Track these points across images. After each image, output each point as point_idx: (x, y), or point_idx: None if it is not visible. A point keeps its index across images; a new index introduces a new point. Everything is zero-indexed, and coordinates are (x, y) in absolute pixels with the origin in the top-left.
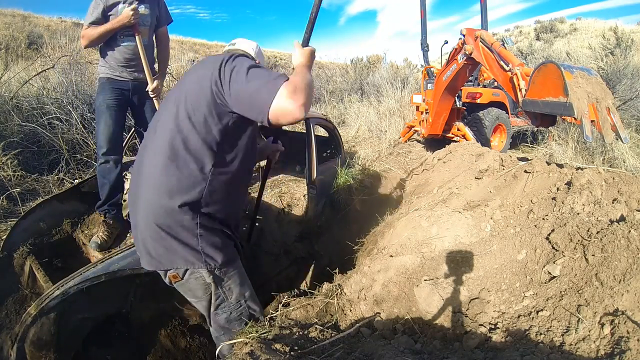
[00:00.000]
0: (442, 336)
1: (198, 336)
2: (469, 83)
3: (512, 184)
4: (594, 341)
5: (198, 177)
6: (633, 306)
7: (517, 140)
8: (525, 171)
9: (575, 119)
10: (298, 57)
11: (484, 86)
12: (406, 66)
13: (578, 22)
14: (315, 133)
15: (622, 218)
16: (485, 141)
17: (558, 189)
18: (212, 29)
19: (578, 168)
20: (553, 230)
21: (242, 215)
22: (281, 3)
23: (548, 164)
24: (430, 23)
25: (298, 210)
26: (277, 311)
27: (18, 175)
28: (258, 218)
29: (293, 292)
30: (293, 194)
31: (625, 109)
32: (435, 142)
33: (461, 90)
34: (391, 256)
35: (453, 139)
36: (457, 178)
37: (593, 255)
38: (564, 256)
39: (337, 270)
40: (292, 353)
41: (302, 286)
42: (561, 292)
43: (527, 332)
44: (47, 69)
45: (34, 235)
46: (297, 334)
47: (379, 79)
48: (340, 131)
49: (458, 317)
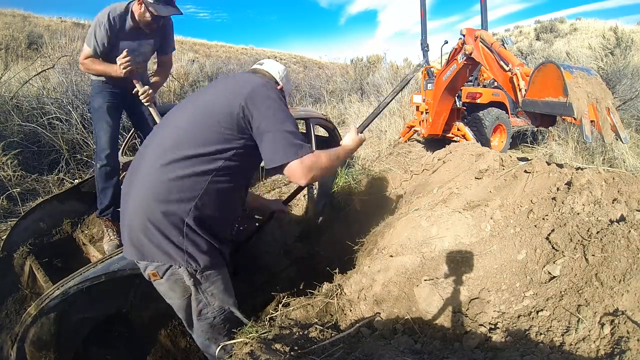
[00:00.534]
0: (442, 336)
1: None
2: (469, 83)
3: (512, 184)
4: (594, 341)
5: (196, 183)
6: (633, 306)
7: (517, 140)
8: (525, 171)
9: (575, 119)
10: (348, 140)
11: (484, 86)
12: (406, 66)
13: (578, 22)
14: (315, 133)
15: (622, 218)
16: (485, 141)
17: (558, 189)
18: (213, 29)
19: (578, 168)
20: (553, 230)
21: (241, 215)
22: (281, 3)
23: (548, 164)
24: (430, 23)
25: (298, 210)
26: (277, 311)
27: (18, 175)
28: (257, 218)
29: (293, 292)
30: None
31: (625, 109)
32: (435, 142)
33: (461, 90)
34: (391, 256)
35: (453, 139)
36: (457, 178)
37: (593, 255)
38: (564, 256)
39: (337, 270)
40: (292, 353)
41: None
42: (561, 292)
43: (527, 332)
44: (47, 69)
45: (34, 235)
46: (297, 334)
47: (379, 79)
48: (340, 131)
49: (458, 317)
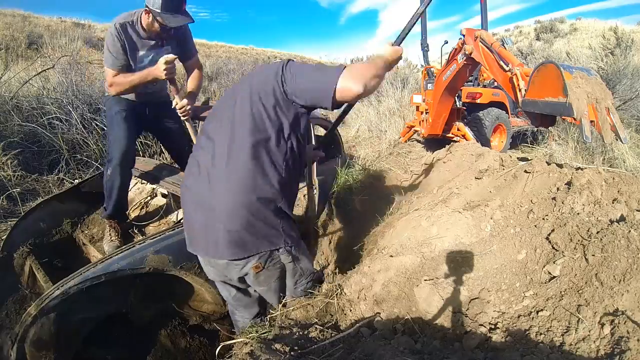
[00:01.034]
0: (442, 336)
1: (198, 336)
2: (469, 83)
3: (512, 184)
4: (594, 341)
5: (278, 168)
6: (633, 306)
7: (517, 140)
8: (525, 171)
9: (574, 120)
10: (383, 51)
11: (484, 86)
12: (406, 66)
13: (578, 22)
14: (315, 133)
15: (622, 218)
16: (485, 141)
17: (558, 189)
18: (213, 29)
19: (578, 168)
20: (553, 230)
21: None
22: (282, 3)
23: (548, 164)
24: (430, 23)
25: (298, 210)
26: (277, 311)
27: (18, 175)
28: None
29: None
30: None
31: (625, 109)
32: (435, 142)
33: (461, 90)
34: (391, 256)
35: (453, 139)
36: (457, 178)
37: (593, 255)
38: (564, 256)
39: (337, 270)
40: (292, 353)
41: None
42: (561, 292)
43: (527, 332)
44: (47, 69)
45: (34, 235)
46: (297, 334)
47: None
48: (340, 131)
49: (458, 317)
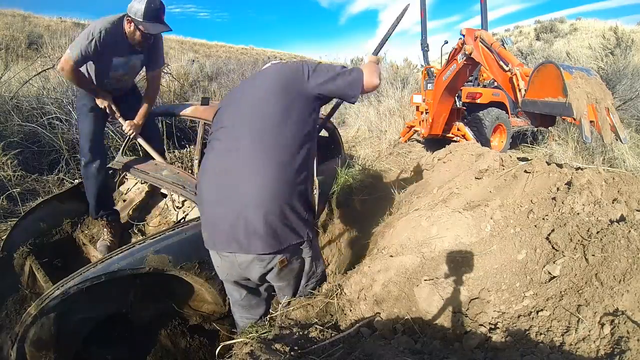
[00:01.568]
0: (442, 336)
1: (198, 336)
2: (469, 83)
3: (512, 184)
4: (594, 341)
5: (303, 164)
6: (633, 306)
7: (517, 140)
8: (525, 171)
9: (574, 120)
10: (371, 59)
11: (484, 86)
12: (406, 66)
13: (578, 22)
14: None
15: (622, 218)
16: (485, 141)
17: (558, 189)
18: (213, 29)
19: (578, 168)
20: (553, 230)
21: None
22: (282, 3)
23: (548, 164)
24: (430, 23)
25: None
26: (277, 311)
27: (18, 175)
28: None
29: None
30: None
31: (625, 109)
32: (435, 142)
33: (461, 90)
34: (391, 256)
35: (453, 139)
36: (457, 178)
37: (593, 255)
38: (564, 256)
39: (337, 270)
40: (292, 353)
41: None
42: (561, 292)
43: (527, 332)
44: (47, 69)
45: (34, 235)
46: (297, 334)
47: None
48: (340, 131)
49: (458, 317)
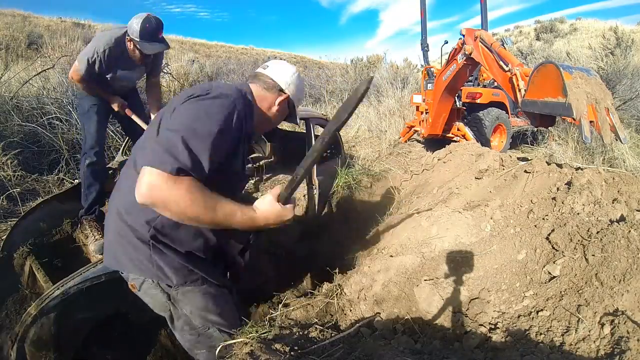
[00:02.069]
0: (442, 336)
1: None
2: (469, 83)
3: (512, 184)
4: (594, 341)
5: (150, 212)
6: (633, 306)
7: (517, 140)
8: (525, 171)
9: (574, 120)
10: (264, 211)
11: (484, 86)
12: (406, 66)
13: (578, 22)
14: (315, 133)
15: (622, 218)
16: (485, 141)
17: (558, 189)
18: (213, 29)
19: (578, 168)
20: (553, 230)
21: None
22: (282, 3)
23: (548, 164)
24: (430, 23)
25: (298, 210)
26: (277, 311)
27: (18, 175)
28: None
29: (293, 292)
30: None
31: (625, 109)
32: (435, 142)
33: (461, 90)
34: (391, 256)
35: (453, 139)
36: (457, 178)
37: (593, 255)
38: (564, 256)
39: (337, 270)
40: (292, 353)
41: (303, 285)
42: (561, 292)
43: (527, 332)
44: (47, 69)
45: (34, 235)
46: (297, 334)
47: (379, 79)
48: (339, 131)
49: (458, 317)
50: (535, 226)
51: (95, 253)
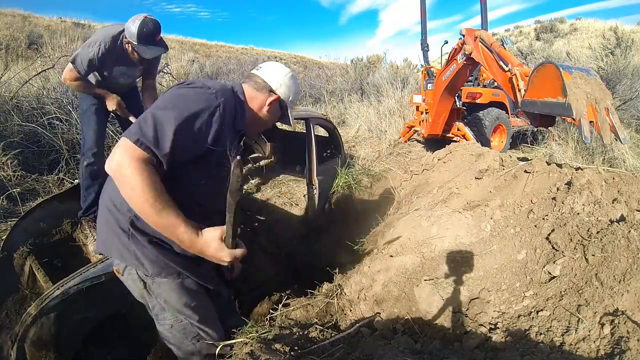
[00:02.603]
0: (442, 336)
1: None
2: (469, 83)
3: (512, 184)
4: (594, 341)
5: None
6: (633, 306)
7: (517, 140)
8: (525, 171)
9: (573, 120)
10: (207, 240)
11: (484, 86)
12: (406, 66)
13: (578, 22)
14: (315, 133)
15: (622, 218)
16: (485, 141)
17: (558, 189)
18: (213, 29)
19: (578, 168)
20: (553, 230)
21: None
22: (283, 2)
23: (548, 164)
24: (430, 23)
25: (298, 210)
26: (277, 311)
27: (18, 175)
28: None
29: (293, 292)
30: (293, 194)
31: (625, 109)
32: (435, 142)
33: (461, 90)
34: (391, 256)
35: (453, 139)
36: (457, 178)
37: (593, 255)
38: (564, 256)
39: (337, 270)
40: (292, 353)
41: (303, 285)
42: (561, 292)
43: (527, 332)
44: (47, 69)
45: (34, 235)
46: (297, 334)
47: (379, 79)
48: (340, 131)
49: (458, 317)
50: (535, 226)
51: (95, 253)
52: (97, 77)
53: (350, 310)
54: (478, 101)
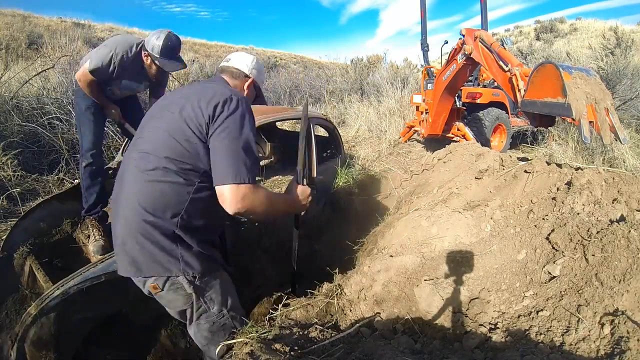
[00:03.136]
0: (442, 336)
1: None
2: (469, 83)
3: (512, 184)
4: (594, 341)
5: (183, 191)
6: (633, 306)
7: (517, 140)
8: (525, 171)
9: (573, 120)
10: (295, 192)
11: (484, 86)
12: (406, 66)
13: (578, 22)
14: (315, 133)
15: (622, 218)
16: (485, 141)
17: (558, 189)
18: (213, 28)
19: (578, 168)
20: (553, 230)
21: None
22: (283, 2)
23: (548, 164)
24: (430, 23)
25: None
26: (277, 311)
27: (18, 175)
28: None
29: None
30: None
31: (625, 109)
32: (435, 142)
33: (461, 90)
34: (391, 256)
35: (453, 139)
36: (457, 178)
37: (593, 255)
38: (564, 256)
39: (337, 270)
40: (292, 353)
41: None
42: (561, 292)
43: (527, 332)
44: (47, 69)
45: (34, 235)
46: (297, 334)
47: (379, 79)
48: (340, 131)
49: (458, 317)
50: (535, 226)
51: (95, 254)
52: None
53: (350, 310)
54: (478, 101)
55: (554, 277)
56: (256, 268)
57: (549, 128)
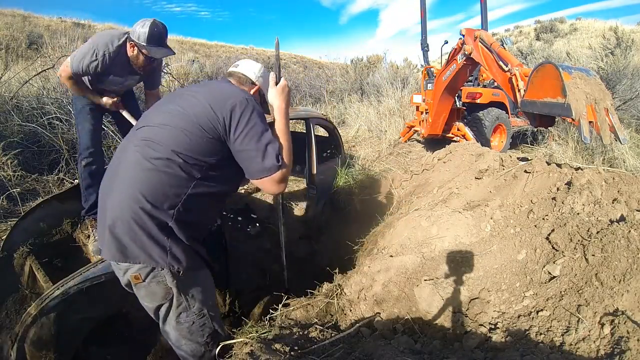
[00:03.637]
0: (442, 336)
1: None
2: (469, 83)
3: (512, 184)
4: (594, 341)
5: (182, 185)
6: (633, 306)
7: (517, 140)
8: (525, 171)
9: (573, 120)
10: (275, 98)
11: (484, 86)
12: (406, 66)
13: (578, 22)
14: (315, 133)
15: (622, 218)
16: (485, 141)
17: (558, 189)
18: (214, 28)
19: (578, 168)
20: (553, 230)
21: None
22: (283, 2)
23: (548, 164)
24: (430, 23)
25: (298, 210)
26: (277, 311)
27: (18, 175)
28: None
29: (293, 292)
30: (293, 194)
31: (625, 109)
32: (435, 142)
33: (461, 90)
34: (391, 256)
35: (453, 139)
36: (457, 178)
37: (593, 255)
38: (564, 256)
39: (337, 270)
40: (292, 353)
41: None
42: (561, 292)
43: (527, 332)
44: (47, 69)
45: (34, 235)
46: (297, 334)
47: (379, 79)
48: (340, 131)
49: (458, 317)
50: (535, 226)
51: (95, 254)
52: (86, 84)
53: (350, 310)
54: (478, 101)
55: (554, 277)
56: (256, 268)
57: (549, 128)
